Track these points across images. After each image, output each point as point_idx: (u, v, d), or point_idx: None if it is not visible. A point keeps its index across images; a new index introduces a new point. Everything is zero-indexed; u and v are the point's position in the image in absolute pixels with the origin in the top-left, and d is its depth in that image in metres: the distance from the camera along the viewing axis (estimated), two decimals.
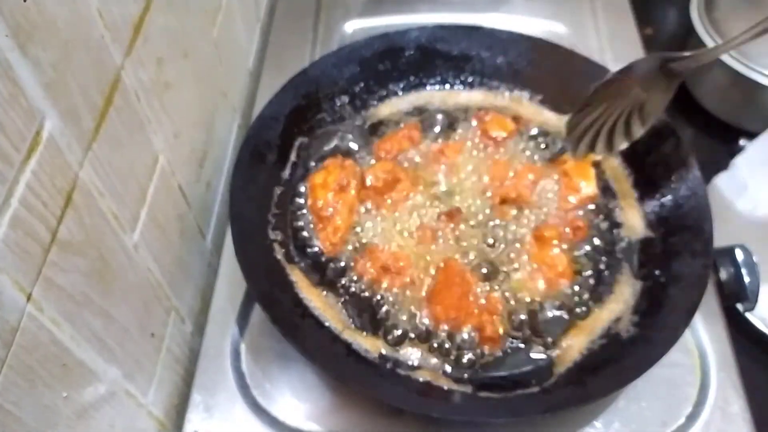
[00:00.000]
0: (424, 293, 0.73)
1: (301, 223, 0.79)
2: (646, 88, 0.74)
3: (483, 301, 0.72)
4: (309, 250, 0.77)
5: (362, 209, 0.80)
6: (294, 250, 0.77)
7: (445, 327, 0.71)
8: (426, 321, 0.72)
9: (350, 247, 0.77)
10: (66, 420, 0.51)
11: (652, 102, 0.75)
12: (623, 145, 0.78)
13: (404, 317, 0.72)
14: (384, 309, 0.73)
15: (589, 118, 0.77)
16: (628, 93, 0.75)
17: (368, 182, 0.80)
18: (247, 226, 0.74)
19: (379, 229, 0.79)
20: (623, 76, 0.74)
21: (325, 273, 0.76)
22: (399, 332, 0.71)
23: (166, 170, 0.69)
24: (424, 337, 0.71)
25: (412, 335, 0.71)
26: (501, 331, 0.70)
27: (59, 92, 0.48)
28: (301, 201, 0.81)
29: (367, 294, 0.74)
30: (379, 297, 0.74)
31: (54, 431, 0.49)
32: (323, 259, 0.77)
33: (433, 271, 0.75)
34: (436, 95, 0.92)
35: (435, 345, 0.70)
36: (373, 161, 0.84)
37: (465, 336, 0.71)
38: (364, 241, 0.78)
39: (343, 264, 0.76)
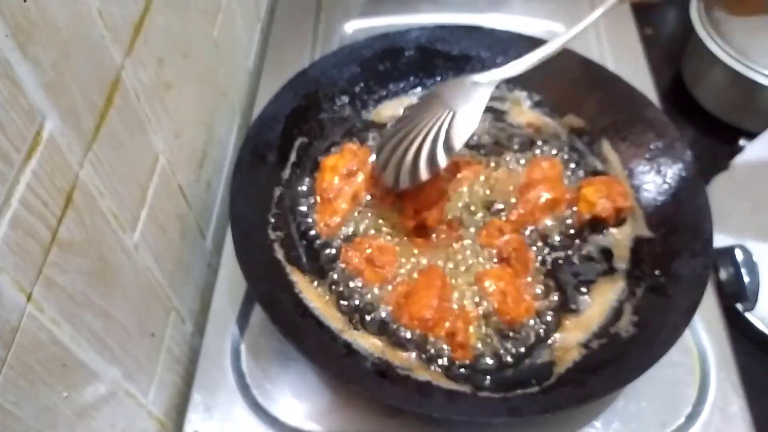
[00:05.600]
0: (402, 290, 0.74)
1: (303, 207, 0.81)
2: (453, 105, 0.72)
3: (457, 306, 0.72)
4: (308, 232, 0.79)
5: (367, 198, 0.81)
6: (295, 232, 0.79)
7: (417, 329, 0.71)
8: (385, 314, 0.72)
9: (343, 234, 0.78)
10: (66, 420, 0.51)
11: (462, 114, 0.72)
12: (441, 164, 0.72)
13: (377, 309, 0.73)
14: (358, 300, 0.74)
15: (390, 143, 0.75)
16: (433, 109, 0.73)
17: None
18: (247, 227, 0.74)
19: (375, 221, 0.79)
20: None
21: (314, 255, 0.77)
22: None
23: (167, 170, 0.70)
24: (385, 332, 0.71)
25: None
26: (473, 340, 0.70)
27: (59, 92, 0.48)
28: (308, 180, 0.83)
29: (349, 284, 0.75)
30: (358, 288, 0.74)
31: (54, 431, 0.49)
32: (316, 241, 0.78)
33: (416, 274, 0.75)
34: None
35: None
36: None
37: (435, 340, 0.71)
38: (361, 229, 0.78)
39: (333, 251, 0.77)
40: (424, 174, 0.72)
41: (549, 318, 0.73)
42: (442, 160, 0.72)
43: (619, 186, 0.80)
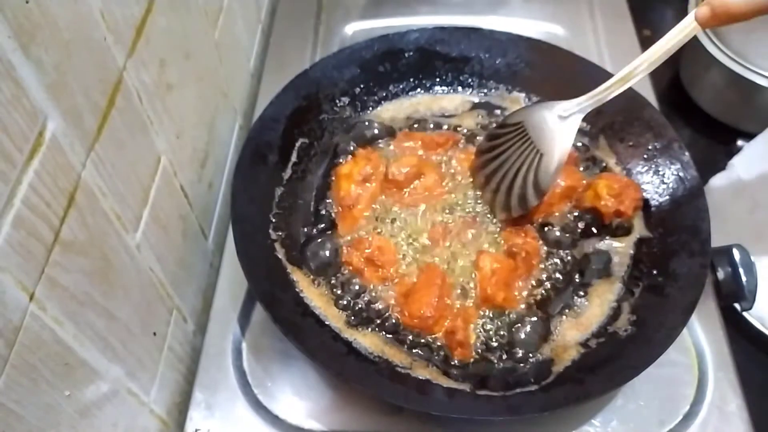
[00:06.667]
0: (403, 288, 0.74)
1: (323, 211, 0.82)
2: (541, 145, 0.75)
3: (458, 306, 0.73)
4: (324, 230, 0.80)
5: (382, 200, 0.82)
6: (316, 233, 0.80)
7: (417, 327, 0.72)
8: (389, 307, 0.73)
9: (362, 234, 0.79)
10: (68, 419, 0.51)
11: (549, 155, 0.74)
12: (532, 203, 0.76)
13: (377, 308, 0.73)
14: (358, 299, 0.74)
15: (483, 171, 0.79)
16: (522, 145, 0.76)
17: (390, 175, 0.81)
18: (248, 227, 0.75)
19: (395, 222, 0.80)
20: (514, 124, 0.77)
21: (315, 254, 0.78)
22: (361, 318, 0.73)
23: (169, 171, 0.70)
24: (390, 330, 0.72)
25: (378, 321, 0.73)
26: (472, 338, 0.71)
27: (61, 93, 0.48)
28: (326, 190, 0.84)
29: (349, 283, 0.75)
30: (358, 287, 0.75)
31: (56, 430, 0.50)
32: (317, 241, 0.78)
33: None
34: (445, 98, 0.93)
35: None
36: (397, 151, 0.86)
37: (435, 339, 0.71)
38: (379, 230, 0.79)
39: (334, 251, 0.78)
40: (516, 211, 0.78)
41: (548, 317, 0.73)
42: (533, 201, 0.76)
43: (635, 193, 0.79)
